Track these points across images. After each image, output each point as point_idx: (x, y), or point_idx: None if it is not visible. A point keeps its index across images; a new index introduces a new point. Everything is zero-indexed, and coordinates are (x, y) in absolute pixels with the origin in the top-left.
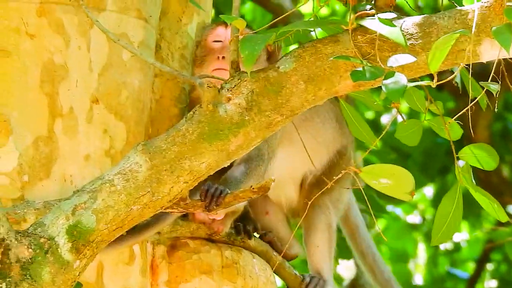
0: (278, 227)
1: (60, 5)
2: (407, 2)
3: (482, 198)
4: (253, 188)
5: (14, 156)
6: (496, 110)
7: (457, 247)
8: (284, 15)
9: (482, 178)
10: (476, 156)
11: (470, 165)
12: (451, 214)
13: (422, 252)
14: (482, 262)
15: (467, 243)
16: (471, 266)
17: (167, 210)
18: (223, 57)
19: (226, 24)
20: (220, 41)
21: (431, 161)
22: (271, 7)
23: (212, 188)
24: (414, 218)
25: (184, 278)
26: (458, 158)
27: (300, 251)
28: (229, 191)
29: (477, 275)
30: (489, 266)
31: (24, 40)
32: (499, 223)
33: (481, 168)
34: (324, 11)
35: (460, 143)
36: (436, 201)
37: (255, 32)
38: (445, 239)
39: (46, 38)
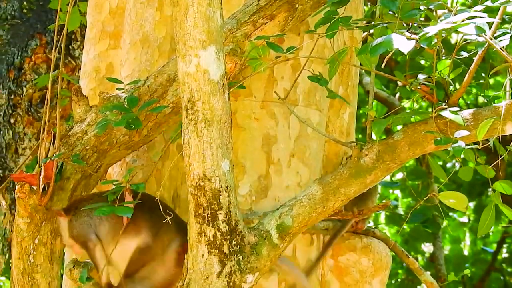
0: None
1: (273, 102)
2: (464, 101)
3: (505, 209)
4: (379, 205)
5: (247, 185)
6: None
7: (487, 235)
8: (395, 109)
9: (503, 198)
10: (502, 186)
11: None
12: (488, 218)
13: (467, 238)
14: (501, 243)
15: (492, 232)
16: (494, 246)
17: (331, 217)
18: None
19: None
20: None
21: (473, 189)
22: (387, 104)
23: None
24: (463, 219)
25: (340, 254)
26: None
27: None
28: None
29: (497, 251)
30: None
31: (252, 122)
32: (510, 222)
33: (504, 193)
34: (416, 106)
35: (492, 180)
36: (475, 210)
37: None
38: (484, 232)
39: (265, 121)
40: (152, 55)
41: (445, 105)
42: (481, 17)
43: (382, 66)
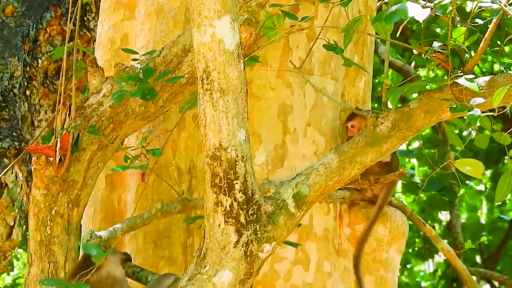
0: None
1: (288, 72)
2: (479, 68)
3: None
4: (396, 174)
5: (263, 155)
6: None
7: (504, 203)
8: (410, 78)
9: None
10: None
11: None
12: (505, 186)
13: (484, 206)
14: None
15: (509, 200)
16: (511, 214)
17: (349, 186)
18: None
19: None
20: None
21: (489, 156)
22: (403, 73)
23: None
24: (480, 187)
25: (357, 222)
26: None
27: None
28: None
29: None
30: None
31: (268, 91)
32: None
33: None
34: (432, 74)
35: (508, 147)
36: (492, 178)
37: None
38: (501, 199)
39: (280, 90)
40: (167, 26)
41: (460, 72)
42: None
43: (397, 35)
